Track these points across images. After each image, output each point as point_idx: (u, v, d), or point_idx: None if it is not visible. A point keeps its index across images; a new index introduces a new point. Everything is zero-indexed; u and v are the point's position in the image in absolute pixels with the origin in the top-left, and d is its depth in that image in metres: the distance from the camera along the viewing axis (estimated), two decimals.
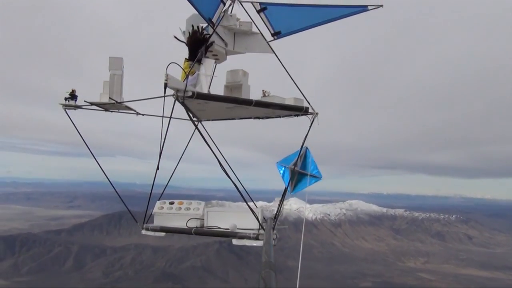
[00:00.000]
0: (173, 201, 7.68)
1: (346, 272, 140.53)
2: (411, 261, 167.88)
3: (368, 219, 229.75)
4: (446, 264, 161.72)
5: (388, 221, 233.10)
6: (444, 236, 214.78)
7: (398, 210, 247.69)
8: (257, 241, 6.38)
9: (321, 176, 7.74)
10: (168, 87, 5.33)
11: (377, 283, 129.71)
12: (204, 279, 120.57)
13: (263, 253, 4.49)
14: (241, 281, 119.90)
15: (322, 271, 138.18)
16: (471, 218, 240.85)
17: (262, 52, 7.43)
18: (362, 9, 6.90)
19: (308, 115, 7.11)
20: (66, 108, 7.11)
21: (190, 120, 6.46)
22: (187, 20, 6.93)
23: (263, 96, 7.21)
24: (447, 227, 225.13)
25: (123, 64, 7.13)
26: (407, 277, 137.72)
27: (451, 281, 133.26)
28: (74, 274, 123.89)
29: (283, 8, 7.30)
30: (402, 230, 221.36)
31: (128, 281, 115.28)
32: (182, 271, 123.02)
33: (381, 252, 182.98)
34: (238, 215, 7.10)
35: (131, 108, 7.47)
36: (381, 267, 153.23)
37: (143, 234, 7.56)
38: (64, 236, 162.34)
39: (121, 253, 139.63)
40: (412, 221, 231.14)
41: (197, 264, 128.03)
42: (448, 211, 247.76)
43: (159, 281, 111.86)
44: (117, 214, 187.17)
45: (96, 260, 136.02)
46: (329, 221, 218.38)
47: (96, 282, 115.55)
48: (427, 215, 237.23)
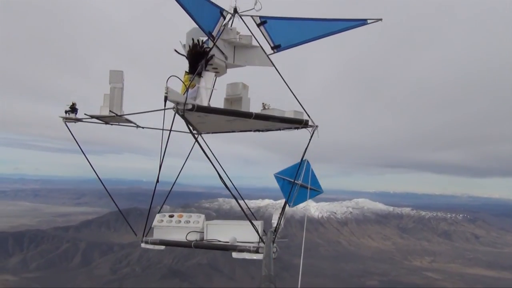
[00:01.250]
0: (173, 214, 7.72)
1: (352, 271, 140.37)
2: (418, 260, 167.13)
3: (374, 217, 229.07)
4: (452, 264, 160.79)
5: (395, 219, 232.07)
6: (451, 235, 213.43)
7: (404, 209, 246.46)
8: (257, 254, 6.39)
9: (321, 189, 7.75)
10: (169, 100, 5.34)
11: (383, 282, 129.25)
12: (211, 276, 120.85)
13: (263, 267, 4.48)
14: (248, 278, 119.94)
15: (328, 269, 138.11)
16: (478, 217, 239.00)
17: (262, 65, 7.47)
18: (361, 22, 6.98)
19: (308, 128, 7.13)
20: (66, 121, 7.15)
21: (190, 133, 6.49)
22: (188, 34, 6.99)
23: (263, 109, 7.23)
24: (454, 226, 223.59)
25: (123, 77, 7.15)
26: (414, 276, 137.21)
27: (457, 281, 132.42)
28: (82, 270, 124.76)
29: (282, 22, 7.35)
30: (408, 229, 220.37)
31: (136, 277, 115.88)
32: (188, 268, 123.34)
33: (387, 251, 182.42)
34: (238, 228, 7.12)
35: (131, 121, 7.50)
36: (387, 265, 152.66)
37: (142, 247, 7.57)
38: (72, 232, 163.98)
39: (128, 249, 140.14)
40: (418, 220, 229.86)
41: (203, 261, 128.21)
42: (455, 210, 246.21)
43: (166, 278, 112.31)
44: (124, 211, 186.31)
45: (104, 256, 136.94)
46: (336, 219, 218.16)
47: (104, 279, 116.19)
48: (434, 214, 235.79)
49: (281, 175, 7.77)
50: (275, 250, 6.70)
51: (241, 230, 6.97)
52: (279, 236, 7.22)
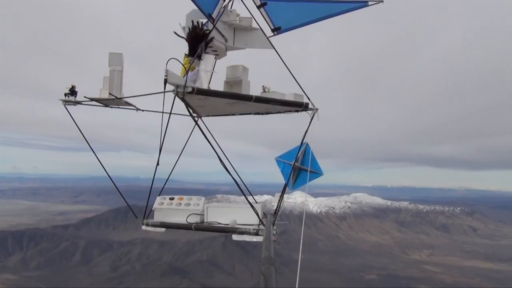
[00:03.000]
0: (173, 197, 7.72)
1: (351, 265, 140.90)
2: (416, 253, 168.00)
3: (372, 212, 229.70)
4: (451, 256, 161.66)
5: (393, 213, 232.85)
6: (449, 228, 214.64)
7: (402, 203, 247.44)
8: (257, 237, 6.42)
9: (321, 171, 7.78)
10: (168, 82, 5.33)
11: (382, 276, 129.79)
12: (211, 272, 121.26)
13: (263, 249, 4.53)
14: (247, 274, 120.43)
15: (327, 264, 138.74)
16: (476, 210, 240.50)
17: (262, 47, 7.44)
18: (362, 4, 6.94)
19: (308, 111, 7.12)
20: (66, 104, 7.17)
21: (190, 115, 6.54)
22: (187, 16, 6.88)
23: (263, 91, 7.21)
24: (451, 219, 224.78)
25: (123, 60, 7.15)
26: (412, 270, 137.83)
27: (456, 273, 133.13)
28: (81, 268, 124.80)
29: (283, 3, 7.32)
30: (406, 223, 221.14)
31: (136, 275, 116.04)
32: (188, 265, 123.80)
33: (386, 245, 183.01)
34: (238, 211, 7.14)
35: (131, 104, 7.52)
36: (386, 259, 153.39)
37: (143, 229, 7.58)
38: (71, 231, 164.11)
39: (128, 247, 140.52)
40: (416, 214, 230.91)
41: (203, 258, 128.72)
42: (453, 203, 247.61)
43: (166, 275, 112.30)
44: (123, 209, 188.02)
45: (103, 254, 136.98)
46: (334, 214, 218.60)
47: (104, 277, 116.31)
48: (432, 208, 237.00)
49: (282, 158, 7.88)
50: (275, 232, 6.78)
51: (241, 212, 7.01)
52: (279, 218, 7.32)
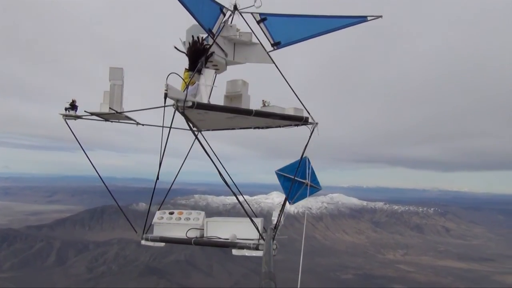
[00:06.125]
0: (173, 211, 7.73)
1: (327, 265, 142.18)
2: (391, 253, 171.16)
3: (348, 212, 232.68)
4: (424, 256, 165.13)
5: (368, 214, 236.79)
6: (423, 228, 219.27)
7: (378, 203, 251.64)
8: (257, 251, 6.42)
9: (320, 186, 7.90)
10: (168, 97, 5.29)
11: (358, 275, 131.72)
12: (188, 273, 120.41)
13: (263, 264, 4.49)
14: (225, 274, 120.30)
15: (304, 264, 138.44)
16: (448, 211, 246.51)
17: (262, 62, 7.44)
18: (361, 19, 7.01)
19: (308, 125, 7.11)
20: (66, 118, 7.11)
21: (190, 130, 6.50)
22: (187, 31, 6.92)
23: (263, 106, 7.21)
24: (425, 219, 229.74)
25: (123, 74, 7.13)
26: (387, 269, 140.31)
27: (429, 273, 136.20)
28: (57, 269, 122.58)
29: (282, 18, 7.34)
30: (381, 223, 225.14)
31: (113, 275, 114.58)
32: (166, 265, 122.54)
33: (361, 245, 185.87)
34: (238, 225, 7.14)
35: (131, 118, 7.50)
36: (361, 259, 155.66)
37: (142, 244, 7.56)
38: (46, 231, 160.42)
39: (104, 248, 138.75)
40: (391, 214, 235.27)
41: (181, 258, 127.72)
42: (427, 204, 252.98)
43: (143, 275, 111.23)
44: (99, 209, 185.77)
45: (79, 255, 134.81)
46: (311, 214, 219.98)
47: (80, 278, 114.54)
48: (406, 208, 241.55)
49: (282, 172, 7.85)
50: (275, 247, 6.73)
51: (241, 227, 7.01)
52: (279, 233, 7.29)
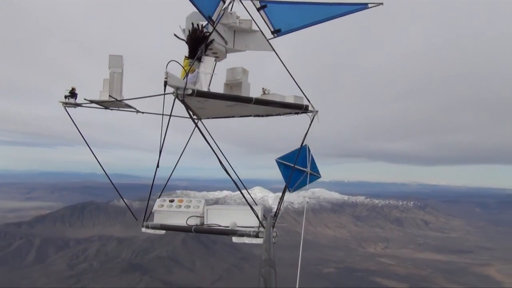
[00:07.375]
0: (173, 199, 7.79)
1: (309, 259, 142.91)
2: (372, 246, 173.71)
3: (330, 206, 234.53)
4: (404, 249, 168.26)
5: (350, 208, 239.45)
6: (403, 222, 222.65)
7: (359, 198, 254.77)
8: (257, 239, 6.47)
9: (319, 174, 7.91)
10: (168, 85, 5.30)
11: (339, 269, 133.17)
12: (171, 268, 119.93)
13: (263, 251, 4.51)
14: (208, 270, 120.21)
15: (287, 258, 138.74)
16: (427, 204, 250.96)
17: (262, 50, 7.44)
18: (362, 7, 7.00)
19: (308, 113, 7.13)
20: (66, 106, 7.04)
21: (190, 118, 6.47)
22: (187, 18, 6.86)
23: (263, 94, 7.22)
24: (405, 213, 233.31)
25: (123, 62, 7.07)
26: (368, 262, 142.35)
27: (409, 265, 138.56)
28: (37, 267, 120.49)
29: (283, 6, 7.31)
30: (362, 217, 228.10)
31: (94, 272, 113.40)
32: (148, 262, 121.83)
33: (343, 239, 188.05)
34: (238, 213, 7.17)
35: (131, 106, 7.45)
36: (343, 253, 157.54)
37: (142, 231, 7.52)
38: (25, 228, 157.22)
39: (85, 244, 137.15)
40: (372, 208, 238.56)
41: (163, 254, 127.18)
42: (406, 198, 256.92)
43: (125, 272, 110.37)
44: (80, 205, 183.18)
45: (60, 252, 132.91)
46: (293, 209, 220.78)
47: (60, 275, 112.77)
48: (387, 202, 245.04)
49: (282, 160, 7.85)
50: (275, 234, 6.76)
51: (241, 215, 7.05)
52: (279, 221, 7.35)
